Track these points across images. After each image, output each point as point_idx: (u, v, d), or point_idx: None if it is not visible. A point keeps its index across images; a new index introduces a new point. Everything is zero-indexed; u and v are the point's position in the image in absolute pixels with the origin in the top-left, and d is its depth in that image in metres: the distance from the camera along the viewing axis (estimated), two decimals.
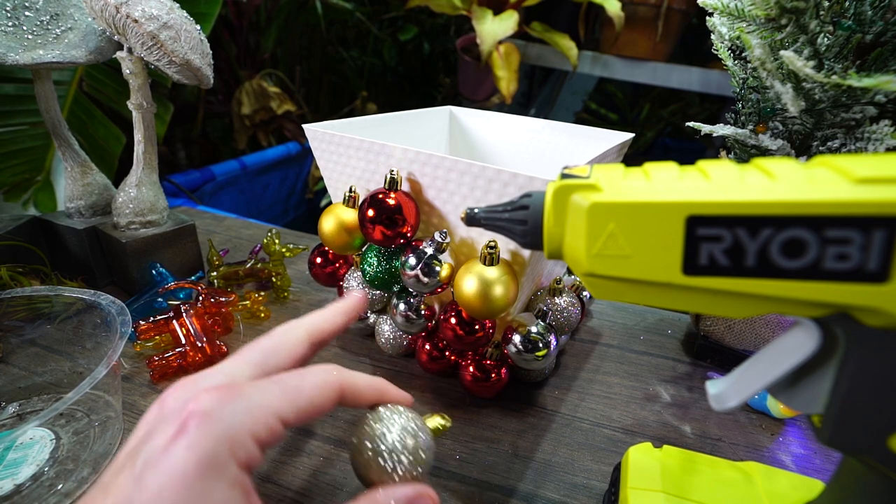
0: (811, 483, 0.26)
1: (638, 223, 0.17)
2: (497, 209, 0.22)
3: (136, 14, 0.42)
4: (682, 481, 0.27)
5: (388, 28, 1.81)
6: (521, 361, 0.36)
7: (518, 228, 0.21)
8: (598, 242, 0.18)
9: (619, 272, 0.18)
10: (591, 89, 1.93)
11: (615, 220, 0.18)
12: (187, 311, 0.43)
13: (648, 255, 0.17)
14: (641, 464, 0.28)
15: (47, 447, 0.33)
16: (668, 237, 0.17)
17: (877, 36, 0.32)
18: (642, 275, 0.18)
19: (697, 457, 0.29)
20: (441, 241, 0.34)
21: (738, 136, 0.38)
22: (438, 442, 0.35)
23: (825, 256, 0.15)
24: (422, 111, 0.53)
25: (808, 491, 0.25)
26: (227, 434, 0.17)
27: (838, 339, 0.17)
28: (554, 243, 0.20)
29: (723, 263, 0.16)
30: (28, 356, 0.41)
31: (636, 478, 0.27)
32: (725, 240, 0.16)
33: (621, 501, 0.27)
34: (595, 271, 0.19)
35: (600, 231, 0.18)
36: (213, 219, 0.76)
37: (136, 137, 0.50)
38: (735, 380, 0.20)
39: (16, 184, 0.84)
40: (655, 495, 0.26)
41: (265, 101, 1.47)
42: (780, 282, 0.15)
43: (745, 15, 0.33)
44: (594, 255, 0.18)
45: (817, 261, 0.15)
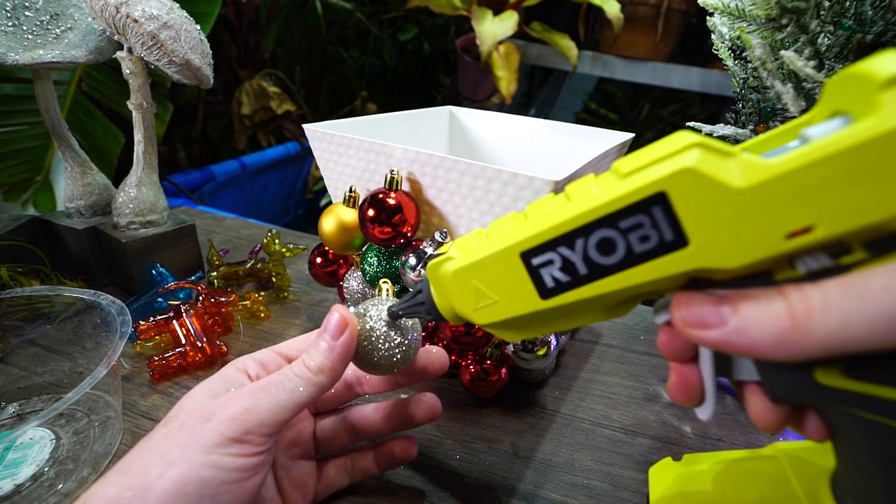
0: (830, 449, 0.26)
1: (490, 273, 0.20)
2: (406, 300, 0.25)
3: (136, 14, 0.42)
4: (707, 489, 0.27)
5: (388, 28, 1.81)
6: (521, 361, 0.36)
7: (421, 309, 0.25)
8: (472, 300, 0.21)
9: (499, 317, 0.21)
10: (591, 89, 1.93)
11: (475, 277, 0.21)
12: (187, 311, 0.43)
13: (510, 295, 0.20)
14: (662, 482, 0.28)
15: (47, 447, 0.33)
16: (515, 275, 0.20)
17: (877, 36, 0.32)
18: (515, 312, 0.20)
19: (719, 456, 0.28)
20: (441, 241, 0.34)
21: (739, 137, 0.38)
22: (438, 442, 0.35)
23: (632, 243, 0.17)
24: (422, 111, 0.53)
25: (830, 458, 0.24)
26: None
27: None
28: (448, 311, 0.23)
29: (564, 279, 0.19)
30: (28, 356, 0.41)
31: (658, 499, 0.28)
32: (556, 261, 0.18)
33: None
34: (483, 323, 0.22)
35: (468, 290, 0.21)
36: (213, 219, 0.76)
37: (136, 137, 0.50)
38: None
39: (15, 184, 0.84)
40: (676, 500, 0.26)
41: (265, 101, 1.47)
42: (614, 276, 0.18)
43: (746, 15, 0.33)
44: (474, 311, 0.22)
45: (629, 249, 0.17)
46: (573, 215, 0.17)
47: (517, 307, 0.20)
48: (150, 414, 0.37)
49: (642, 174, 0.16)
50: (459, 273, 0.21)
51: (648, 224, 0.16)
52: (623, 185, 0.16)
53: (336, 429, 0.31)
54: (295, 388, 0.23)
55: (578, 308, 0.19)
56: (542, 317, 0.20)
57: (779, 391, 0.18)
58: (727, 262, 0.16)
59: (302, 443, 0.29)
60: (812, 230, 0.14)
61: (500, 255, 0.20)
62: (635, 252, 0.17)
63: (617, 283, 0.18)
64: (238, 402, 0.22)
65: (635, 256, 0.17)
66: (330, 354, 0.24)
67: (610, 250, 0.17)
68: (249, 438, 0.22)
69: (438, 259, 0.23)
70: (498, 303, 0.21)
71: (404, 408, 0.30)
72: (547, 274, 0.19)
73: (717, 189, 0.15)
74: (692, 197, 0.15)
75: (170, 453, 0.21)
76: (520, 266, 0.19)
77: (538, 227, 0.18)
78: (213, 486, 0.21)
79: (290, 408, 0.23)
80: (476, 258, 0.21)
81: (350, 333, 0.25)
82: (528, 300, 0.20)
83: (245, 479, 0.22)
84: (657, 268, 0.17)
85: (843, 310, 0.14)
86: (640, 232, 0.16)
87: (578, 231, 0.18)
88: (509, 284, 0.20)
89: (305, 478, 0.29)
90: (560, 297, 0.19)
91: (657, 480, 0.29)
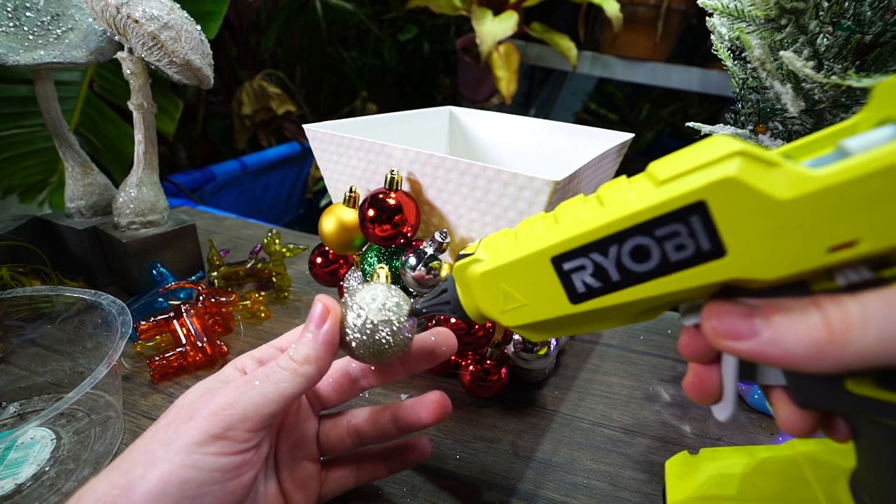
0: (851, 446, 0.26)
1: (520, 277, 0.20)
2: (429, 298, 0.26)
3: (136, 14, 0.42)
4: (723, 482, 0.26)
5: (388, 28, 1.81)
6: (521, 361, 0.37)
7: (446, 308, 0.25)
8: (500, 302, 0.21)
9: (527, 319, 0.21)
10: (590, 89, 1.93)
11: (503, 280, 0.21)
12: (188, 310, 0.43)
13: (539, 298, 0.20)
14: (679, 474, 0.28)
15: (48, 447, 0.33)
16: (545, 279, 0.19)
17: (876, 36, 0.32)
18: (544, 315, 0.20)
19: (737, 451, 0.28)
20: (441, 241, 0.34)
21: (738, 137, 0.38)
22: (438, 442, 0.35)
23: (667, 252, 0.16)
24: (422, 111, 0.53)
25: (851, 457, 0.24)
26: None
27: None
28: (474, 311, 0.23)
29: (596, 285, 0.18)
30: (29, 356, 0.41)
31: (675, 491, 0.27)
32: (588, 266, 0.18)
33: None
34: (510, 325, 0.22)
35: (496, 292, 0.21)
36: (213, 219, 0.76)
37: (136, 137, 0.50)
38: None
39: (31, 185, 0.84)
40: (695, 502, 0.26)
41: (265, 102, 1.47)
42: (647, 284, 0.17)
43: (745, 15, 0.33)
44: (502, 313, 0.22)
45: (664, 257, 0.17)
46: (607, 222, 0.17)
47: (546, 311, 0.20)
48: (150, 414, 0.37)
49: (681, 182, 0.16)
50: (487, 275, 0.21)
51: (685, 233, 0.16)
52: (660, 193, 0.16)
53: (340, 431, 0.30)
54: (280, 380, 0.23)
55: (607, 313, 0.19)
56: (570, 320, 0.20)
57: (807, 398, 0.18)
58: (765, 274, 0.15)
59: (306, 444, 0.29)
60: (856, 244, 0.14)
61: (530, 258, 0.19)
62: (670, 260, 0.17)
63: (649, 290, 0.17)
64: (221, 397, 0.22)
65: (670, 265, 0.17)
66: (314, 344, 0.24)
67: (644, 258, 0.17)
68: (232, 434, 0.21)
69: (466, 260, 0.22)
70: (526, 306, 0.21)
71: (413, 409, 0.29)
72: (578, 279, 0.19)
73: (759, 200, 0.14)
74: (733, 207, 0.15)
75: (153, 452, 0.21)
76: (550, 270, 0.19)
77: (570, 232, 0.18)
78: (193, 486, 0.20)
79: (276, 401, 0.22)
80: (505, 261, 0.20)
81: (332, 322, 0.24)
82: (558, 304, 0.20)
83: (228, 480, 0.21)
84: (691, 277, 0.16)
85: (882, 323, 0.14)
86: (676, 241, 0.16)
87: (612, 238, 0.17)
88: (539, 288, 0.20)
89: (309, 480, 0.28)
90: (590, 302, 0.19)
91: (674, 474, 0.29)
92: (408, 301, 0.26)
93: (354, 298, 0.25)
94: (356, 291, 0.26)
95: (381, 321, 0.25)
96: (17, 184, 0.82)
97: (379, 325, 0.25)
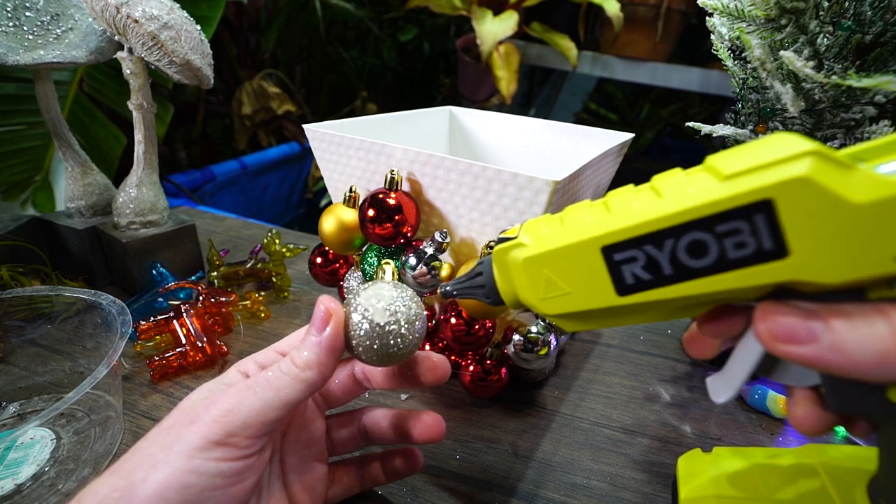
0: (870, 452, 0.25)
1: (565, 264, 0.19)
2: (461, 280, 0.25)
3: (136, 14, 0.42)
4: (736, 481, 0.26)
5: (388, 28, 1.81)
6: (521, 361, 0.37)
7: (480, 292, 0.24)
8: (540, 289, 0.21)
9: (568, 308, 0.20)
10: (590, 89, 1.93)
11: (547, 267, 0.20)
12: (187, 310, 0.43)
13: (584, 288, 0.19)
14: (692, 471, 0.28)
15: (48, 447, 0.33)
16: (593, 269, 0.19)
17: (876, 36, 0.32)
18: (587, 305, 0.20)
19: (750, 452, 0.28)
20: (441, 241, 0.34)
21: (738, 137, 0.38)
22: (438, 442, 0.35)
23: (726, 248, 0.16)
24: (422, 111, 0.53)
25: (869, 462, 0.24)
26: None
27: None
28: (510, 297, 0.23)
29: (646, 278, 0.18)
30: (29, 356, 0.41)
31: (688, 487, 0.27)
32: (640, 258, 0.18)
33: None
34: (549, 313, 0.21)
35: (539, 279, 0.21)
36: (213, 219, 0.76)
37: (136, 138, 0.50)
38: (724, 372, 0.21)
39: (14, 183, 0.84)
40: (709, 501, 0.26)
41: (265, 102, 1.47)
42: (700, 280, 0.17)
43: (745, 15, 0.33)
44: (542, 300, 0.21)
45: (721, 254, 0.16)
46: (665, 214, 0.17)
47: (590, 301, 0.19)
48: (150, 414, 0.37)
49: (748, 178, 0.15)
50: (531, 261, 0.20)
51: (747, 231, 0.15)
52: (724, 188, 0.15)
53: (349, 431, 0.30)
54: (282, 385, 0.22)
55: (651, 307, 0.19)
56: (612, 312, 0.20)
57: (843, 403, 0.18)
58: (827, 278, 0.15)
59: (314, 444, 0.28)
60: None
61: (578, 246, 0.19)
62: (728, 258, 0.16)
63: (701, 287, 0.17)
64: (222, 403, 0.22)
65: (727, 262, 0.16)
66: (316, 349, 0.23)
67: (701, 253, 0.16)
68: (233, 441, 0.21)
69: (508, 244, 0.21)
70: (569, 295, 0.20)
71: (408, 422, 0.29)
72: (628, 271, 0.18)
73: (831, 202, 0.14)
74: (802, 207, 0.14)
75: (154, 455, 0.20)
76: (599, 260, 0.18)
77: (624, 222, 0.18)
78: (194, 492, 0.20)
79: (278, 407, 0.22)
80: (551, 247, 0.20)
81: (335, 325, 0.23)
82: (603, 295, 0.19)
83: (229, 486, 0.21)
84: (748, 276, 0.16)
85: None
86: (736, 238, 0.16)
87: (669, 231, 0.17)
88: (585, 277, 0.19)
89: (316, 482, 0.28)
90: (638, 295, 0.18)
91: (687, 472, 0.29)
92: (416, 299, 0.25)
93: (359, 299, 0.24)
94: (360, 291, 0.25)
95: (387, 323, 0.23)
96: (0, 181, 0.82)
97: (385, 328, 0.23)
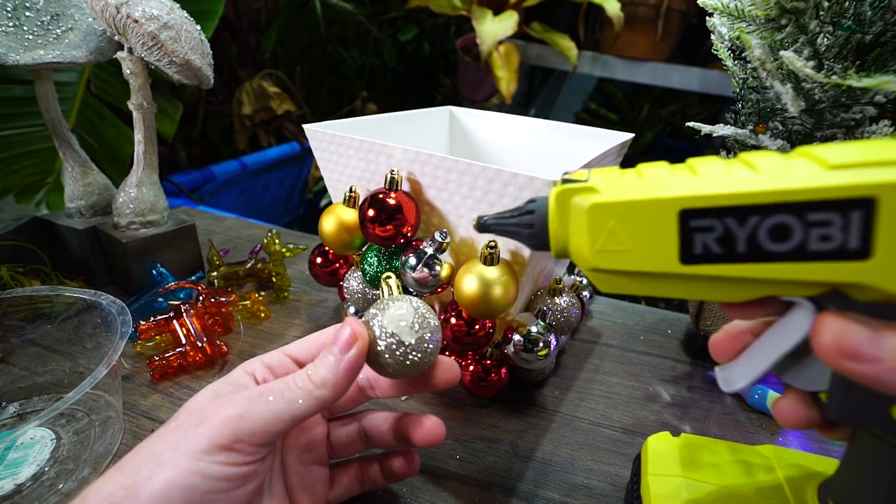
0: (826, 461, 0.27)
1: (635, 219, 0.18)
2: (505, 215, 0.23)
3: (136, 14, 0.42)
4: (700, 466, 0.27)
5: (388, 28, 1.81)
6: (521, 361, 0.37)
7: (526, 232, 0.23)
8: (599, 239, 0.19)
9: (621, 266, 0.19)
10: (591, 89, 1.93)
11: (614, 218, 0.19)
12: (187, 310, 0.43)
13: (647, 247, 0.18)
14: (661, 451, 0.29)
15: (48, 447, 0.33)
16: (663, 230, 0.18)
17: (876, 36, 0.32)
18: (643, 266, 0.19)
19: (714, 443, 0.29)
20: (441, 241, 0.34)
21: (738, 137, 0.38)
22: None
23: (810, 238, 0.16)
24: (422, 111, 0.53)
25: (826, 468, 0.25)
26: None
27: None
28: (560, 243, 0.21)
29: (716, 251, 0.17)
30: (28, 356, 0.41)
31: (656, 465, 0.28)
32: (717, 229, 0.17)
33: (643, 489, 0.28)
34: (599, 266, 0.20)
35: (601, 229, 0.19)
36: (213, 219, 0.76)
37: (136, 137, 0.50)
38: (741, 362, 0.21)
39: (27, 185, 0.84)
40: (675, 480, 0.27)
41: (265, 102, 1.47)
42: (770, 265, 0.16)
43: (745, 15, 0.33)
44: (597, 252, 0.20)
45: (803, 243, 0.16)
46: (760, 190, 0.16)
47: (649, 263, 0.19)
48: (150, 414, 0.37)
49: (856, 172, 0.15)
50: (600, 208, 0.19)
51: (839, 225, 0.15)
52: (829, 177, 0.15)
53: (350, 434, 0.30)
54: (294, 399, 0.23)
55: (704, 283, 0.18)
56: (664, 279, 0.19)
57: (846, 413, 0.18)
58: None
59: (315, 448, 0.29)
60: None
61: (657, 203, 0.18)
62: (807, 248, 0.16)
63: (766, 272, 0.17)
64: (231, 407, 0.22)
65: (804, 252, 0.16)
66: (335, 369, 0.23)
67: (782, 237, 0.16)
68: (239, 447, 0.21)
69: (575, 186, 0.20)
70: (629, 252, 0.19)
71: (408, 426, 0.29)
72: (700, 240, 0.17)
73: None
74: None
75: (160, 455, 0.21)
76: (673, 222, 0.18)
77: (712, 189, 0.17)
78: (198, 493, 0.20)
79: (286, 420, 0.22)
80: (625, 198, 0.19)
81: (358, 350, 0.24)
82: (665, 259, 0.18)
83: (233, 489, 0.21)
84: (821, 270, 0.16)
85: None
86: (824, 230, 0.15)
87: (759, 208, 0.16)
88: (651, 237, 0.18)
89: (317, 484, 0.28)
90: (700, 266, 0.18)
91: (656, 451, 0.29)
92: (429, 308, 0.26)
93: (382, 322, 0.25)
94: (380, 313, 0.25)
95: (417, 340, 0.25)
96: (13, 184, 0.82)
97: (416, 345, 0.25)
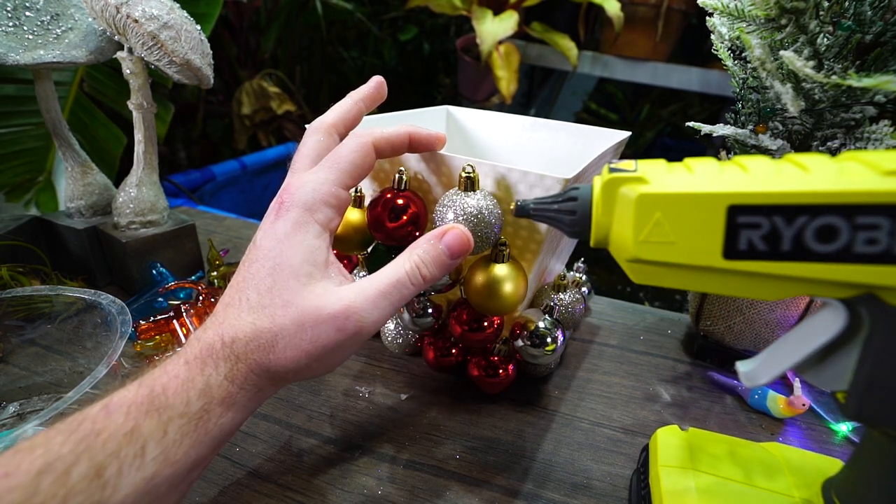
0: (829, 460, 0.27)
1: (682, 212, 0.19)
2: (546, 201, 0.23)
3: (136, 14, 0.42)
4: (708, 459, 0.28)
5: (388, 28, 1.81)
6: (529, 357, 0.37)
7: (567, 219, 0.23)
8: (644, 230, 0.20)
9: (663, 257, 0.20)
10: (591, 89, 1.93)
11: (661, 210, 0.19)
12: (187, 310, 0.43)
13: (692, 241, 0.19)
14: (670, 444, 0.29)
15: None
16: (710, 225, 0.18)
17: (876, 36, 0.32)
18: (685, 259, 0.19)
19: (722, 438, 0.30)
20: None
21: (738, 136, 0.38)
22: (438, 442, 0.35)
23: (856, 241, 0.16)
24: (419, 111, 0.53)
25: (830, 467, 0.26)
26: (305, 205, 0.26)
27: (863, 320, 0.18)
28: (601, 232, 0.22)
29: (761, 248, 0.18)
30: (28, 356, 0.41)
31: (666, 457, 0.28)
32: (763, 227, 0.17)
33: (652, 479, 0.28)
34: (641, 257, 0.20)
35: (647, 220, 0.20)
36: (213, 219, 0.76)
37: (136, 137, 0.50)
38: (765, 358, 0.21)
39: (17, 184, 0.84)
40: (685, 472, 0.27)
41: (265, 101, 1.47)
42: (813, 264, 0.17)
43: (745, 15, 0.33)
44: (640, 242, 0.20)
45: (848, 245, 0.16)
46: (811, 190, 0.16)
47: (691, 256, 0.19)
48: None
49: None
50: (648, 199, 0.19)
51: (886, 229, 0.15)
52: (886, 182, 0.16)
53: None
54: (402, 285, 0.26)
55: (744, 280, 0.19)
56: (703, 273, 0.19)
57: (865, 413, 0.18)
58: None
59: None
60: None
61: (706, 197, 0.18)
62: (853, 250, 0.16)
63: (809, 271, 0.17)
64: None
65: (849, 255, 0.16)
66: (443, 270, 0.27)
67: (828, 239, 0.16)
68: None
69: (623, 175, 0.20)
70: (673, 244, 0.19)
71: None
72: (745, 236, 0.18)
73: None
74: None
75: None
76: (721, 218, 0.18)
77: (763, 187, 0.17)
78: None
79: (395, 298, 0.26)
80: (674, 190, 0.19)
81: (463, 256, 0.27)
82: (708, 253, 0.18)
83: None
84: (862, 273, 0.16)
85: None
86: (872, 233, 0.16)
87: (808, 208, 0.16)
88: (697, 231, 0.19)
89: None
90: (743, 262, 0.18)
91: (665, 443, 0.30)
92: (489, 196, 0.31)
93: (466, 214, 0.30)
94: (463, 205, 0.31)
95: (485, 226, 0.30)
96: (3, 183, 0.83)
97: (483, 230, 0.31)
